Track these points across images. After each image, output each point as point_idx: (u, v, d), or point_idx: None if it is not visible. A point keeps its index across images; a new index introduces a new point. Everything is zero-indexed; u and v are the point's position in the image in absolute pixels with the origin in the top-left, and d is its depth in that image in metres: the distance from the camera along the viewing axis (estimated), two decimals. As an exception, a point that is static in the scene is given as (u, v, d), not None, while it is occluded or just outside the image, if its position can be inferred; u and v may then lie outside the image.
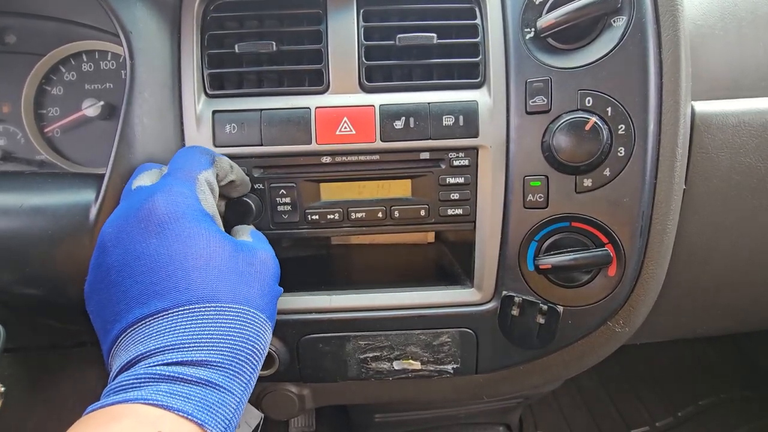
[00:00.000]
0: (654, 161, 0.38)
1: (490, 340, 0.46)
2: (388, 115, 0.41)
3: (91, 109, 0.49)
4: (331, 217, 0.43)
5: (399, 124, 0.41)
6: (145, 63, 0.39)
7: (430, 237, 0.60)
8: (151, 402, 0.26)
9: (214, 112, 0.41)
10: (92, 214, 0.39)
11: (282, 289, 0.37)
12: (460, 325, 0.46)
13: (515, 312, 0.43)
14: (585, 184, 0.39)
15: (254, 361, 0.31)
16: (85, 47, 0.51)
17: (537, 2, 0.40)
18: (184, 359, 0.28)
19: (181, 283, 0.30)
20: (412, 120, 0.41)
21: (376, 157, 0.42)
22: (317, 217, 0.43)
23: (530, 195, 0.41)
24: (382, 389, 0.51)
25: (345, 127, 0.41)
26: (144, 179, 0.35)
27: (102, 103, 0.49)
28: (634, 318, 0.43)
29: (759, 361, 1.10)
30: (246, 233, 0.39)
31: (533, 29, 0.40)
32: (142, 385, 0.27)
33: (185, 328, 0.29)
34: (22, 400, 0.49)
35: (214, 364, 0.29)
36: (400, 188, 0.43)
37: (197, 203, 0.33)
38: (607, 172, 0.39)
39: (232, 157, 0.42)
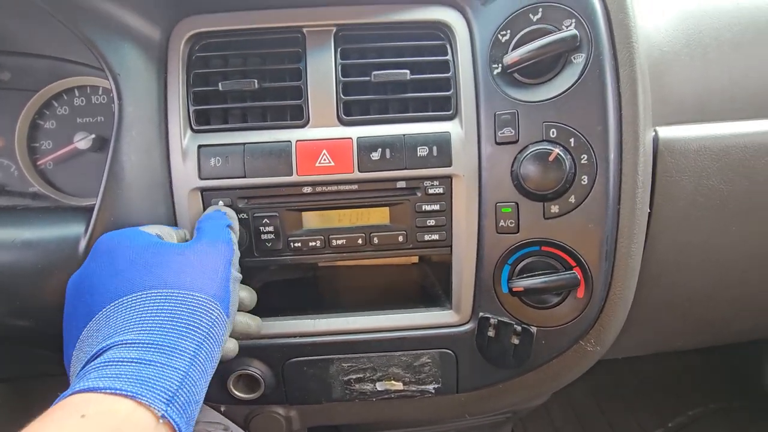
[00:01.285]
0: (616, 188, 0.41)
1: (469, 360, 0.47)
2: (365, 146, 0.43)
3: (82, 142, 0.51)
4: (313, 244, 0.45)
5: (376, 156, 0.43)
6: (132, 102, 0.41)
7: (414, 258, 0.62)
8: (77, 390, 0.27)
9: (199, 146, 0.43)
10: (81, 247, 0.40)
11: (240, 275, 0.39)
12: (439, 346, 0.47)
13: (491, 333, 0.45)
14: (552, 211, 0.42)
15: (194, 336, 0.32)
16: (77, 83, 0.53)
17: (503, 40, 0.42)
18: (114, 343, 0.30)
19: (125, 281, 0.33)
20: (388, 151, 0.43)
21: (354, 187, 0.44)
22: (300, 244, 0.45)
23: (502, 221, 0.43)
24: (366, 409, 0.52)
25: (324, 159, 0.43)
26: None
27: (93, 136, 0.51)
28: (605, 337, 0.45)
29: (747, 372, 1.11)
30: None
31: (500, 65, 0.42)
32: (74, 384, 0.28)
33: (116, 319, 0.31)
34: (12, 430, 0.50)
35: (143, 343, 0.30)
36: (379, 216, 0.45)
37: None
38: (572, 199, 0.41)
39: (217, 188, 0.44)
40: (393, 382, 0.48)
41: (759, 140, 0.48)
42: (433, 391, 0.48)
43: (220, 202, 0.44)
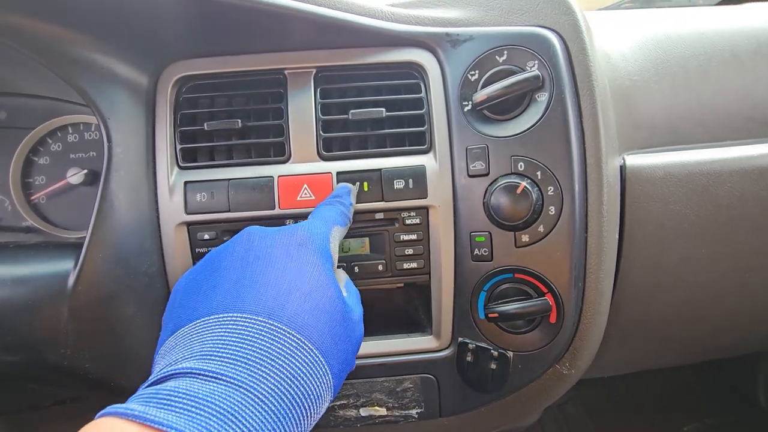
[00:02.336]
0: (582, 218, 0.43)
1: (451, 385, 0.48)
2: (345, 180, 0.45)
3: (75, 177, 0.53)
4: (296, 274, 0.47)
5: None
6: (121, 144, 0.43)
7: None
8: (133, 416, 0.24)
9: (186, 182, 0.45)
10: (70, 282, 0.42)
11: (353, 365, 0.35)
12: (421, 371, 0.48)
13: (470, 358, 0.46)
14: (523, 240, 0.43)
15: (289, 390, 0.27)
16: (71, 120, 0.55)
17: (472, 79, 0.45)
18: (196, 369, 0.26)
19: (262, 296, 0.29)
20: (366, 184, 0.45)
21: (334, 219, 0.46)
22: (283, 274, 0.47)
23: (476, 249, 0.45)
24: (351, 436, 0.52)
25: (305, 193, 0.45)
26: None
27: (85, 171, 0.53)
28: (579, 360, 0.46)
29: (741, 386, 1.11)
30: (342, 282, 0.38)
31: (470, 102, 0.45)
32: (141, 396, 0.25)
33: (220, 336, 0.28)
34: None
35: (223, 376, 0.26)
36: (359, 245, 0.47)
37: (327, 244, 0.35)
38: (541, 229, 0.43)
39: (202, 222, 0.45)
40: (377, 407, 0.49)
41: (720, 167, 0.50)
42: (416, 416, 0.49)
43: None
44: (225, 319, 0.29)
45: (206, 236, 0.45)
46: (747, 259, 0.53)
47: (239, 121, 0.45)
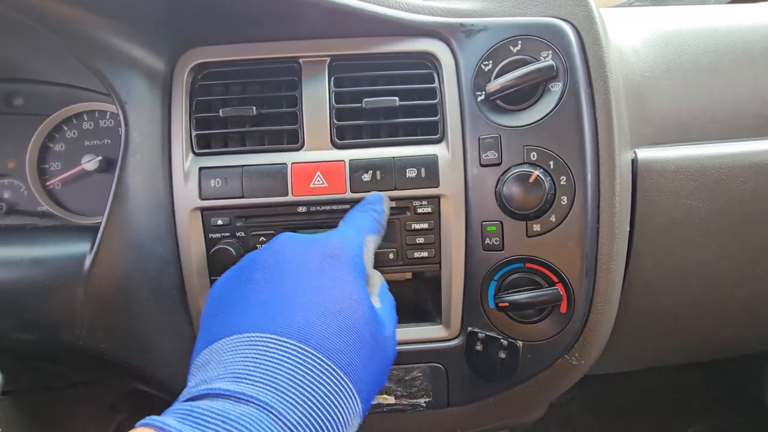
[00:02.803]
0: (594, 207, 0.43)
1: (459, 375, 0.48)
2: (357, 168, 0.45)
3: (90, 163, 0.54)
4: (308, 261, 0.47)
5: (367, 177, 0.45)
6: (138, 128, 0.43)
7: (408, 274, 0.63)
8: (154, 425, 0.25)
9: (200, 168, 0.46)
10: (86, 265, 0.42)
11: (385, 383, 0.35)
12: (430, 360, 0.49)
13: (479, 347, 0.47)
14: (534, 229, 0.44)
15: (317, 418, 0.27)
16: (86, 108, 0.56)
17: (486, 69, 0.45)
18: (229, 391, 0.27)
19: (293, 316, 0.30)
20: (378, 173, 0.45)
21: (347, 206, 0.46)
22: (294, 261, 0.47)
23: (488, 238, 0.45)
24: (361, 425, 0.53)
25: (318, 180, 0.45)
26: None
27: (100, 158, 0.54)
28: (589, 351, 0.46)
29: (747, 387, 1.11)
30: (376, 289, 0.38)
31: (483, 92, 0.45)
32: (177, 410, 0.26)
33: (252, 358, 0.28)
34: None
35: (255, 401, 0.26)
36: (370, 234, 0.47)
37: (360, 255, 0.36)
38: (553, 218, 0.43)
39: (216, 208, 0.46)
40: (385, 395, 0.50)
41: (733, 161, 0.50)
42: (424, 405, 0.49)
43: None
44: (257, 339, 0.30)
45: (219, 222, 0.46)
46: (758, 255, 0.53)
47: (254, 108, 0.46)
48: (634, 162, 0.49)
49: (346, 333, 0.31)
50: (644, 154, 0.50)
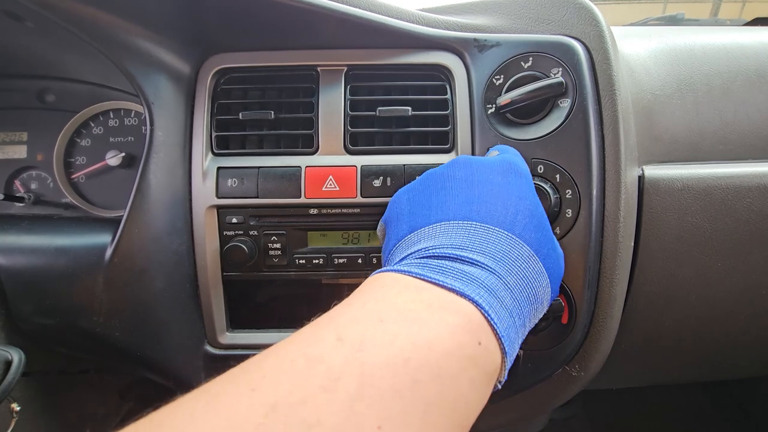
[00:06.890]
0: (599, 222, 0.44)
1: (459, 380, 0.49)
2: (368, 174, 0.47)
3: (113, 159, 0.56)
4: (317, 261, 0.49)
5: (377, 183, 0.47)
6: (162, 128, 0.46)
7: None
8: (412, 274, 0.27)
9: (218, 168, 0.48)
10: (107, 255, 0.45)
11: (558, 293, 0.38)
12: (431, 365, 0.49)
13: (480, 354, 0.47)
14: (539, 240, 0.44)
15: (527, 288, 0.30)
16: (113, 106, 0.59)
17: (497, 83, 0.47)
18: (453, 254, 0.29)
19: (493, 212, 0.32)
20: (389, 179, 0.47)
21: (357, 210, 0.48)
22: (304, 261, 0.49)
23: (493, 247, 0.46)
24: None
25: (330, 184, 0.47)
26: None
27: (123, 154, 0.57)
28: (589, 363, 0.47)
29: (750, 409, 1.09)
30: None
31: (494, 105, 0.46)
32: (411, 263, 0.29)
33: (465, 236, 0.31)
34: (30, 421, 0.54)
35: (486, 266, 0.29)
36: (377, 238, 0.49)
37: (529, 173, 0.39)
38: (558, 231, 0.44)
39: (232, 206, 0.48)
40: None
41: (740, 182, 0.50)
42: (423, 409, 0.50)
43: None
44: (464, 225, 0.32)
45: (234, 220, 0.48)
46: (763, 275, 0.53)
47: (272, 112, 0.48)
48: (641, 179, 0.50)
49: (543, 231, 0.34)
50: (651, 171, 0.51)
